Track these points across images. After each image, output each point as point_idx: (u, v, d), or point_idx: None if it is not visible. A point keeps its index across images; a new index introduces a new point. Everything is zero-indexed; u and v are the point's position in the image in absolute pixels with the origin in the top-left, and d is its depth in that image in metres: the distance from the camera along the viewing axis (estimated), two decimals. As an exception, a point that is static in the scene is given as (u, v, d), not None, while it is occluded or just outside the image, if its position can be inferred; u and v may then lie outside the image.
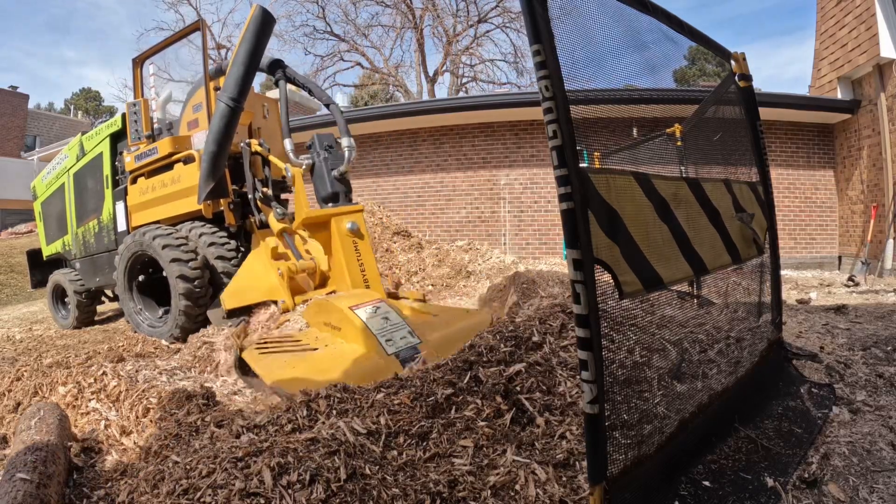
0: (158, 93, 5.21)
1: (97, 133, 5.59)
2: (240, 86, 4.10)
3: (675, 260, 1.81)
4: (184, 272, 4.14)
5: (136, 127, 4.93)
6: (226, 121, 4.09)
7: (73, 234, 5.87)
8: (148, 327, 4.58)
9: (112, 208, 5.30)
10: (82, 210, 5.73)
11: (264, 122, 5.26)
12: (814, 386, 2.52)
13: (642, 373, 1.93)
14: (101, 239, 5.47)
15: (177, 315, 4.20)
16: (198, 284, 4.18)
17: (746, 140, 2.78)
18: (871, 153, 8.32)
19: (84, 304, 5.86)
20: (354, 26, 20.08)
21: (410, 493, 1.64)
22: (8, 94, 26.20)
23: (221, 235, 4.51)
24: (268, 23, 4.20)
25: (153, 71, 5.21)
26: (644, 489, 1.56)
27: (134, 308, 4.73)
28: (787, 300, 4.95)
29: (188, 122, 4.85)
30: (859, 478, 1.80)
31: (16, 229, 17.42)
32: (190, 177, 4.57)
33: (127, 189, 5.09)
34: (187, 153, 4.64)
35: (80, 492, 2.01)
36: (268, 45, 4.41)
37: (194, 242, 4.42)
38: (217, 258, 4.37)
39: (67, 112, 37.43)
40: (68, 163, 5.94)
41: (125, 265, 4.67)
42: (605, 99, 1.86)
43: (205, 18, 19.06)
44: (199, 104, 4.74)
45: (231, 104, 4.08)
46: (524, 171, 9.80)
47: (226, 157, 4.28)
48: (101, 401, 2.79)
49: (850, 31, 8.31)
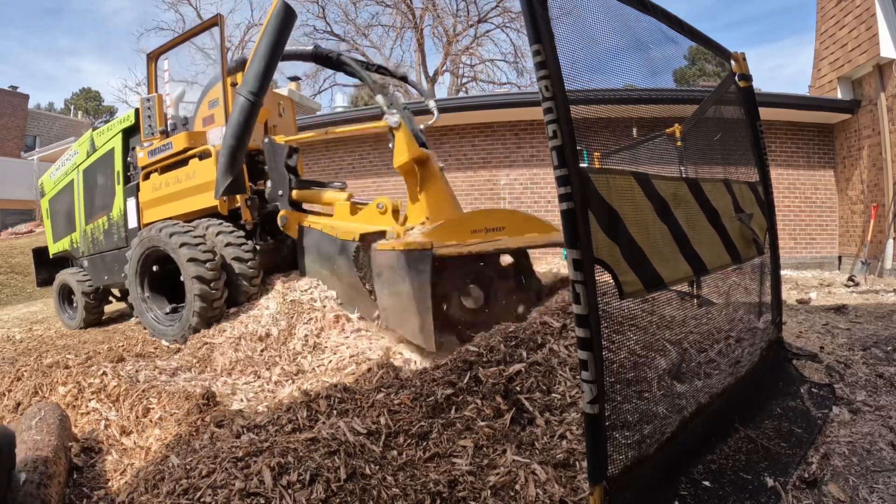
0: (172, 89, 5.19)
1: (109, 129, 5.53)
2: (260, 80, 4.05)
3: (675, 260, 1.81)
4: (201, 273, 4.04)
5: (149, 122, 4.86)
6: (245, 115, 4.04)
7: (81, 232, 5.81)
8: (157, 325, 4.50)
9: (123, 205, 5.24)
10: (92, 207, 5.66)
11: (280, 120, 5.23)
12: (814, 386, 2.52)
13: (642, 373, 1.93)
14: (110, 236, 5.41)
15: (190, 316, 4.12)
16: (214, 286, 4.08)
17: (746, 140, 2.78)
18: (871, 153, 8.32)
19: (92, 304, 5.80)
20: (354, 26, 20.13)
21: (410, 492, 1.64)
22: (8, 94, 26.20)
23: (239, 235, 4.43)
24: (289, 17, 4.17)
25: (167, 66, 5.19)
26: (644, 489, 1.56)
27: (145, 306, 4.65)
28: (787, 300, 4.95)
29: (203, 119, 4.81)
30: (859, 478, 1.80)
31: (16, 229, 17.42)
32: (206, 172, 4.51)
33: (139, 185, 5.03)
34: (203, 148, 4.58)
35: (80, 492, 2.01)
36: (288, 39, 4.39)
37: (211, 241, 4.32)
38: (234, 259, 4.29)
39: (67, 112, 37.43)
40: (78, 159, 5.88)
41: (137, 261, 4.58)
42: (605, 99, 1.86)
43: (204, 18, 19.09)
44: (215, 100, 4.70)
45: (251, 98, 4.02)
46: (524, 171, 9.80)
47: (244, 151, 4.22)
48: (101, 401, 2.79)
49: (850, 31, 8.31)
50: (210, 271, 4.08)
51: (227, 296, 4.26)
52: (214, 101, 4.72)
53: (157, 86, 5.15)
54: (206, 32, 5.11)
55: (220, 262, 4.22)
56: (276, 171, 4.55)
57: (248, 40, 20.53)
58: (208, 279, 4.07)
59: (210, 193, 4.46)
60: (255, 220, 4.63)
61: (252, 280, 4.33)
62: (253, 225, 4.64)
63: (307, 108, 18.28)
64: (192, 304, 4.09)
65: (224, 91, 4.56)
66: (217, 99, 4.68)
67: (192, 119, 4.95)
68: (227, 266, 4.28)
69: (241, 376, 3.37)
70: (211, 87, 4.81)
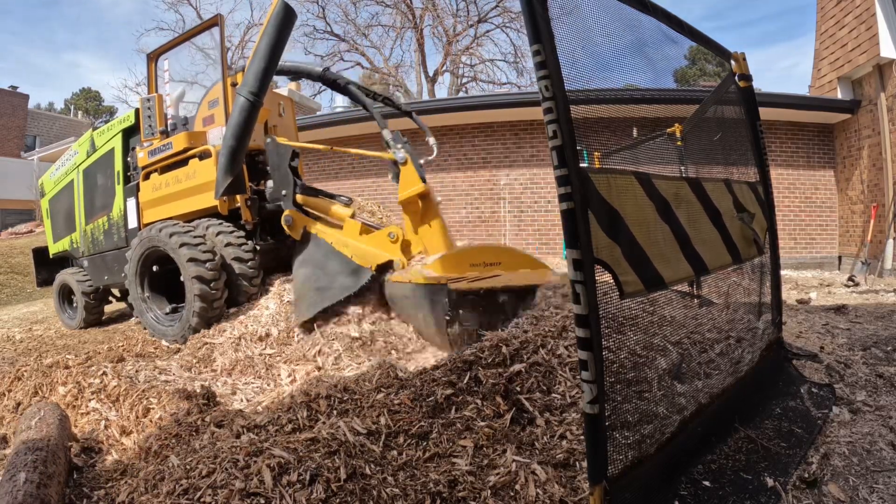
0: (172, 89, 5.19)
1: (109, 129, 5.53)
2: (260, 80, 4.04)
3: (676, 260, 1.81)
4: (201, 273, 4.05)
5: (149, 122, 4.86)
6: (245, 115, 4.03)
7: (81, 232, 5.81)
8: (157, 325, 4.50)
9: (123, 205, 5.23)
10: (92, 207, 5.66)
11: (280, 120, 5.23)
12: (814, 386, 2.52)
13: (642, 373, 1.93)
14: (110, 236, 5.41)
15: (190, 316, 4.13)
16: (214, 287, 4.09)
17: (746, 140, 2.78)
18: (871, 153, 8.32)
19: (92, 304, 5.80)
20: (354, 26, 20.12)
21: (410, 492, 1.64)
22: (8, 94, 26.22)
23: (239, 235, 4.44)
24: (290, 17, 4.16)
25: (167, 66, 5.18)
26: (644, 489, 1.55)
27: (145, 306, 4.65)
28: (787, 300, 4.95)
29: (203, 119, 4.81)
30: (859, 478, 1.80)
31: (16, 229, 17.42)
32: (206, 172, 4.51)
33: (139, 185, 5.02)
34: (204, 148, 4.58)
35: (80, 492, 2.01)
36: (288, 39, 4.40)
37: (211, 241, 4.33)
38: (234, 259, 4.29)
39: (67, 112, 37.44)
40: (78, 159, 5.87)
41: (137, 261, 4.59)
42: (605, 99, 1.86)
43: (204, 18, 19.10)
44: (215, 100, 4.69)
45: (251, 98, 4.01)
46: (524, 171, 9.79)
47: (244, 152, 4.21)
48: (101, 401, 2.79)
49: (850, 31, 8.31)
50: (210, 271, 4.08)
51: (227, 296, 4.26)
52: (214, 101, 4.71)
53: (157, 86, 5.15)
54: (207, 32, 5.12)
55: (220, 263, 4.22)
56: (278, 171, 4.52)
57: (248, 40, 20.52)
58: (208, 279, 4.07)
59: (210, 193, 4.45)
60: (255, 220, 4.63)
61: (252, 280, 4.33)
62: (253, 225, 4.64)
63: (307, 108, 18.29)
64: (192, 304, 4.09)
65: (224, 91, 4.55)
66: (217, 99, 4.68)
67: (192, 119, 4.95)
68: (227, 266, 4.28)
69: (241, 376, 3.37)
70: (211, 88, 4.81)
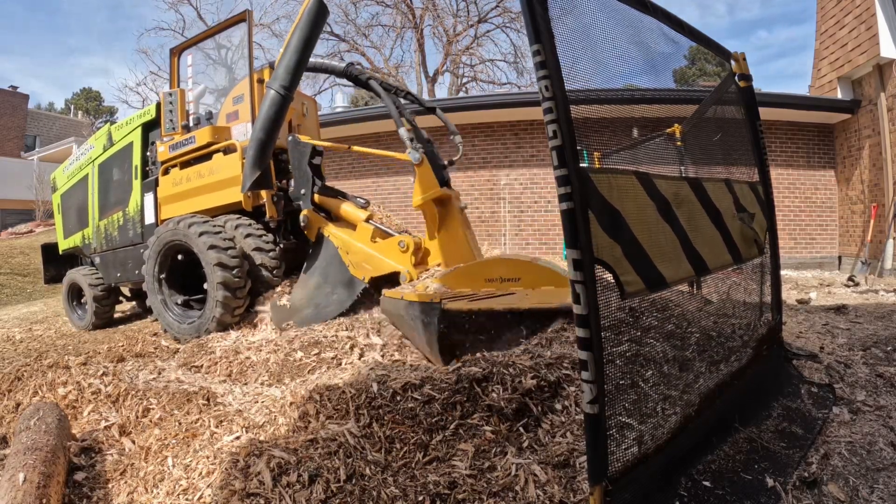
0: (195, 84, 5.15)
1: (128, 122, 5.45)
2: (292, 74, 4.00)
3: (677, 259, 1.81)
4: (222, 259, 3.96)
5: (171, 117, 4.80)
6: (276, 108, 3.97)
7: (94, 227, 5.71)
8: (176, 323, 4.40)
9: (140, 200, 5.14)
10: (106, 202, 5.56)
11: (303, 120, 5.20)
12: (814, 386, 2.52)
13: (643, 373, 1.93)
14: (125, 232, 5.32)
15: (213, 307, 4.00)
16: (237, 273, 4.00)
17: (746, 140, 2.78)
18: (872, 153, 8.32)
19: (102, 304, 5.72)
20: (354, 26, 20.07)
21: (410, 493, 1.64)
22: (8, 94, 26.24)
23: (258, 227, 4.40)
24: (323, 13, 4.12)
25: (191, 62, 5.12)
26: (644, 489, 1.55)
27: (163, 302, 4.54)
28: (787, 300, 4.95)
29: (227, 115, 4.78)
30: (859, 478, 1.80)
31: (16, 229, 17.43)
32: (229, 168, 4.46)
33: (158, 180, 4.95)
34: (228, 143, 4.53)
35: (80, 492, 2.01)
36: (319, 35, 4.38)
37: (231, 233, 4.29)
38: (255, 249, 4.24)
39: (67, 112, 37.44)
40: (94, 153, 5.77)
41: (156, 256, 4.49)
42: (605, 99, 1.86)
43: (204, 18, 19.06)
44: (240, 96, 4.66)
45: (282, 92, 3.95)
46: (524, 171, 9.79)
47: (273, 146, 4.14)
48: (100, 401, 2.79)
49: (850, 31, 8.31)
50: (232, 259, 4.02)
51: (250, 286, 4.17)
52: (239, 97, 4.67)
53: (179, 81, 5.11)
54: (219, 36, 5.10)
55: (242, 252, 4.17)
56: (298, 169, 4.49)
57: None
58: (231, 266, 3.99)
59: (232, 189, 4.40)
60: (280, 218, 4.55)
61: (274, 270, 4.28)
62: (277, 223, 4.57)
63: (308, 108, 18.22)
64: (214, 294, 3.98)
65: (251, 87, 4.50)
66: (242, 95, 4.63)
67: (216, 115, 4.90)
68: (248, 257, 4.22)
69: (242, 377, 3.37)
70: (235, 84, 4.77)
